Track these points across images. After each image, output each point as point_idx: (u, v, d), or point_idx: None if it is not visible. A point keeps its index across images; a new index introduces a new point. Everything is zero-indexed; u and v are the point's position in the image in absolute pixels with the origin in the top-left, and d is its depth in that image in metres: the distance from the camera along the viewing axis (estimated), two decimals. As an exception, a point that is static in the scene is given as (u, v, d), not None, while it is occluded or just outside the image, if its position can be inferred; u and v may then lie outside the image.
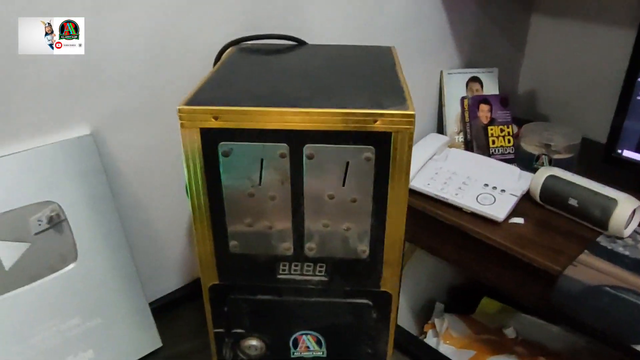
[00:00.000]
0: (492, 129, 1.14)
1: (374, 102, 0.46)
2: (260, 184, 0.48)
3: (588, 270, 0.83)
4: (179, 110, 0.46)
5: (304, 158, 0.47)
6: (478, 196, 0.99)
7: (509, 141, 1.15)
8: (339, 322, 0.57)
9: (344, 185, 0.48)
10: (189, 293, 0.84)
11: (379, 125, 0.45)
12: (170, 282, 0.83)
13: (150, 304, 0.74)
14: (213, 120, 0.46)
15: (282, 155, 0.47)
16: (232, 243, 0.52)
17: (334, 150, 0.46)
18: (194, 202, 0.50)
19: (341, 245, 0.52)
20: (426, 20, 1.07)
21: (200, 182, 0.49)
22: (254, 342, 0.59)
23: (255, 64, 0.58)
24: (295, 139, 0.46)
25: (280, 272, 0.54)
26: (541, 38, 1.35)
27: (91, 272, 0.65)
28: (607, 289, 0.80)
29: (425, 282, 1.53)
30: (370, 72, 0.54)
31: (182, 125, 0.46)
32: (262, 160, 0.47)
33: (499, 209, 0.96)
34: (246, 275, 0.54)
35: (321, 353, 0.59)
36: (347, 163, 0.47)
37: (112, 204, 0.67)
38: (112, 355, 0.69)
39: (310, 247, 0.52)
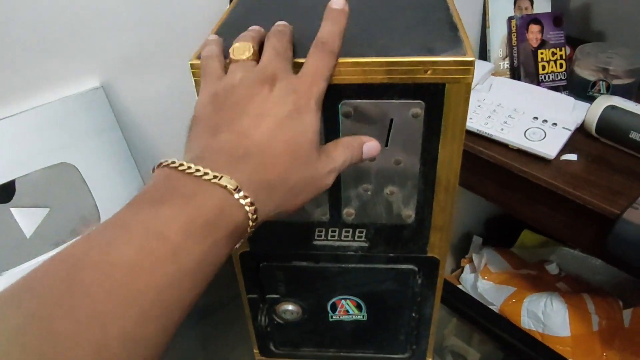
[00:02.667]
0: (542, 53, 1.03)
1: (423, 47, 0.38)
2: (291, 146, 0.42)
3: (650, 213, 0.76)
4: (192, 66, 0.39)
5: (340, 116, 0.40)
6: (526, 131, 0.90)
7: (561, 66, 1.04)
8: (381, 288, 0.53)
9: (387, 145, 0.41)
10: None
11: (430, 76, 0.37)
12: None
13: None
14: (227, 73, 0.39)
15: (317, 114, 0.40)
16: (262, 210, 0.47)
17: (375, 106, 0.39)
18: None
19: (383, 210, 0.46)
20: None
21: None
22: (290, 306, 0.55)
23: (275, 2, 0.49)
24: (329, 95, 0.39)
25: (316, 238, 0.49)
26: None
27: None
28: (672, 233, 0.73)
29: (463, 214, 1.47)
30: (414, 5, 0.46)
31: (196, 83, 0.40)
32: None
33: (549, 145, 0.87)
34: (279, 242, 0.50)
35: (361, 317, 0.56)
36: (391, 121, 0.40)
37: (131, 160, 0.62)
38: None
39: (349, 213, 0.46)
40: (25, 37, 0.52)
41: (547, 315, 1.10)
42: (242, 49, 0.37)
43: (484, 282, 1.26)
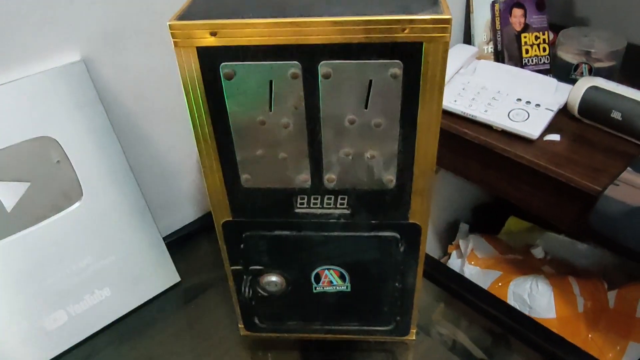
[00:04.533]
0: (525, 37, 1.04)
1: (401, 7, 0.38)
2: (270, 110, 0.42)
3: (631, 189, 0.77)
4: (170, 27, 0.39)
5: (320, 78, 0.40)
6: (510, 112, 0.91)
7: (544, 50, 1.05)
8: (363, 257, 0.53)
9: (366, 107, 0.42)
10: (204, 225, 0.81)
11: (407, 35, 0.38)
12: (183, 214, 0.80)
13: (165, 238, 0.71)
14: (211, 37, 0.39)
15: (294, 76, 0.40)
16: (244, 177, 0.47)
17: (354, 67, 0.40)
18: (198, 133, 0.44)
19: (365, 175, 0.46)
20: None
21: (203, 111, 0.43)
22: (273, 277, 0.55)
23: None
24: (309, 56, 0.39)
25: (298, 206, 0.49)
26: None
27: (98, 209, 0.62)
28: (652, 209, 0.74)
29: (449, 202, 1.48)
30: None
31: (175, 45, 0.40)
32: (271, 82, 0.41)
33: (533, 126, 0.88)
34: (261, 210, 0.50)
35: (345, 287, 0.56)
36: (370, 82, 0.40)
37: (113, 135, 0.62)
38: (130, 292, 0.67)
39: (330, 179, 0.46)
40: (3, 8, 0.52)
41: (532, 298, 1.11)
42: None
43: (470, 267, 1.27)
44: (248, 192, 0.48)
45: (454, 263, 1.33)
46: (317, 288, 0.56)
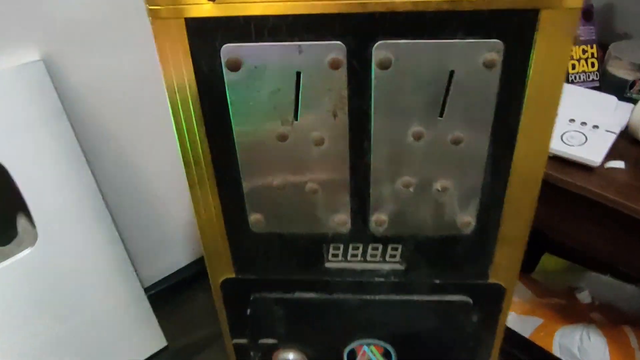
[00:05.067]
0: (571, 50, 0.90)
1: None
2: (296, 118, 0.28)
3: None
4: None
5: (374, 68, 0.26)
6: (563, 135, 0.77)
7: (592, 65, 0.92)
8: (419, 330, 0.38)
9: (441, 115, 0.27)
10: (198, 272, 0.65)
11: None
12: (172, 259, 0.65)
13: (147, 290, 0.56)
14: (207, 1, 0.25)
15: (334, 64, 0.26)
16: (254, 217, 0.33)
17: (427, 51, 0.26)
18: (187, 153, 0.30)
19: (431, 215, 0.31)
20: None
21: (194, 120, 0.29)
22: (291, 356, 0.40)
23: None
24: (358, 33, 0.25)
25: (331, 258, 0.35)
26: None
27: (58, 256, 0.47)
28: None
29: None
30: None
31: (154, 16, 0.26)
32: (298, 75, 0.27)
33: (592, 151, 0.74)
34: (277, 265, 0.35)
35: (390, 369, 0.40)
36: (451, 74, 0.26)
37: (82, 160, 0.47)
38: (101, 364, 0.52)
39: (380, 220, 0.32)
40: None
41: (583, 351, 0.96)
42: None
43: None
44: (259, 240, 0.34)
45: (486, 308, 1.17)
46: (351, 369, 0.41)
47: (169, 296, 0.61)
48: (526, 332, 1.05)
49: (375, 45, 0.26)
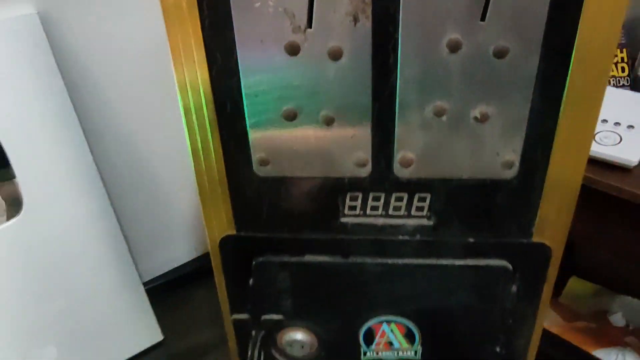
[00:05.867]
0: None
1: None
2: (309, 24, 0.24)
3: None
4: None
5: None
6: (596, 135, 0.72)
7: (622, 70, 0.87)
8: (447, 304, 0.32)
9: (483, 18, 0.23)
10: (200, 268, 0.61)
11: None
12: (173, 254, 0.60)
13: (145, 284, 0.51)
14: None
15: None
16: (258, 157, 0.28)
17: None
18: (182, 79, 0.26)
19: (467, 152, 0.27)
20: None
21: (189, 23, 0.25)
22: (298, 335, 0.35)
23: None
24: None
25: (347, 211, 0.30)
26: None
27: (45, 229, 0.43)
28: None
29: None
30: None
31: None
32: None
33: (628, 151, 0.69)
34: (284, 219, 0.30)
35: (413, 354, 0.35)
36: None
37: (77, 125, 0.44)
38: (87, 354, 0.46)
39: (406, 160, 0.27)
40: None
41: (620, 378, 0.87)
42: None
43: (531, 336, 1.03)
44: (263, 187, 0.29)
45: (509, 331, 1.09)
46: (368, 354, 0.35)
47: (167, 291, 0.56)
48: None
49: None
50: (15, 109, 0.41)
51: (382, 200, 0.29)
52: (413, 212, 0.30)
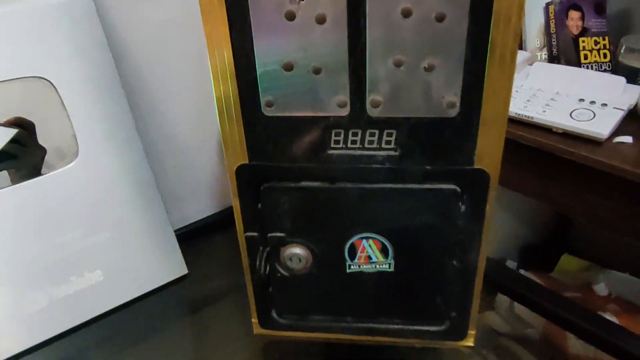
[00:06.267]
0: (584, 41, 0.94)
1: None
2: (301, -2, 0.33)
3: None
4: None
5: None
6: (572, 112, 0.80)
7: (604, 55, 0.95)
8: (413, 220, 0.41)
9: (427, -8, 0.32)
10: (220, 221, 0.70)
11: None
12: (198, 206, 0.70)
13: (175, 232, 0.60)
14: None
15: (335, -57, 0.31)
16: (266, 99, 0.37)
17: None
18: (211, 33, 0.35)
19: (420, 95, 0.36)
20: None
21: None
22: (297, 250, 0.44)
23: None
24: None
25: (333, 145, 0.39)
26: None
27: (96, 173, 0.53)
28: None
29: (494, 239, 1.34)
30: None
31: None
32: (304, -46, 0.32)
33: (601, 125, 0.77)
34: (285, 151, 0.40)
35: (387, 266, 0.44)
36: (433, -48, 0.31)
37: (121, 91, 0.53)
38: (127, 279, 0.56)
39: (375, 101, 0.36)
40: None
41: (599, 340, 0.94)
42: None
43: (521, 306, 1.11)
44: (270, 123, 0.39)
45: (502, 300, 1.17)
46: (352, 266, 0.44)
47: (191, 237, 0.66)
48: (541, 321, 1.04)
49: None
50: (71, 73, 0.51)
51: (359, 136, 0.38)
52: (383, 145, 0.39)
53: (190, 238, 0.66)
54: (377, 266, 0.44)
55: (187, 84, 0.62)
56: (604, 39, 0.95)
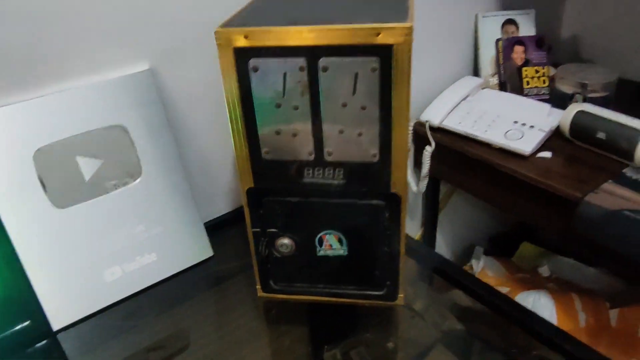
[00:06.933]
0: (526, 70, 1.17)
1: (378, 18, 0.54)
2: (284, 95, 0.57)
3: (609, 196, 0.87)
4: (216, 33, 0.55)
5: (320, 70, 0.55)
6: (507, 132, 1.03)
7: (544, 82, 1.17)
8: (357, 222, 0.66)
9: (354, 93, 0.56)
10: (236, 217, 0.95)
11: (381, 38, 0.52)
12: (220, 205, 0.95)
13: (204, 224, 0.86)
14: (244, 39, 0.55)
15: (302, 69, 0.55)
16: (264, 150, 0.62)
17: (344, 62, 0.55)
18: (231, 114, 0.60)
19: (355, 149, 0.60)
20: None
21: (235, 96, 0.58)
22: (285, 240, 0.69)
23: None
24: (312, 54, 0.55)
25: (306, 175, 0.63)
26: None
27: (153, 187, 0.78)
28: (627, 212, 0.84)
29: (466, 229, 1.58)
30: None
31: (219, 46, 0.56)
32: (285, 73, 0.56)
33: (526, 143, 1.00)
34: (277, 179, 0.64)
35: (342, 251, 0.68)
36: (356, 74, 0.55)
37: (168, 129, 0.78)
38: (172, 259, 0.82)
39: (329, 152, 0.61)
40: (96, 27, 0.70)
41: (535, 310, 1.18)
42: None
43: (480, 283, 1.35)
44: (267, 163, 0.63)
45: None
46: (320, 251, 0.69)
47: (216, 229, 0.91)
48: (495, 297, 1.28)
49: (320, 60, 0.55)
50: (136, 135, 0.75)
51: (321, 171, 0.63)
52: (335, 176, 0.63)
53: (215, 229, 0.91)
54: (336, 252, 0.69)
55: (213, 124, 0.86)
56: (543, 68, 1.18)
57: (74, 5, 0.67)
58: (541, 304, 1.18)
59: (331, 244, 0.68)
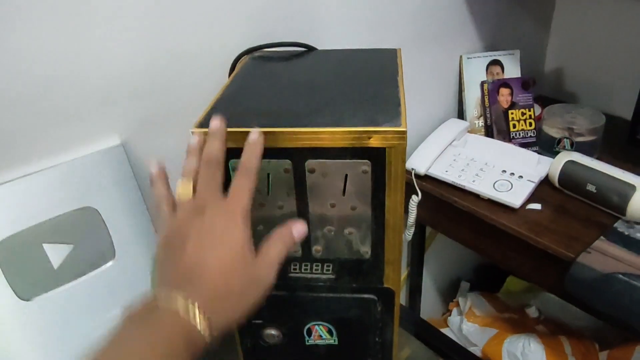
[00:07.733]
0: (512, 113, 1.15)
1: (369, 119, 0.50)
2: (268, 194, 0.53)
3: (601, 257, 0.85)
4: (193, 133, 0.51)
5: (306, 172, 0.51)
6: (495, 183, 1.01)
7: (530, 124, 1.15)
8: (348, 315, 0.62)
9: (344, 194, 0.52)
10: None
11: (373, 142, 0.49)
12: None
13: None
14: (223, 139, 0.50)
15: (286, 171, 0.51)
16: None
17: (333, 165, 0.51)
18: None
19: (345, 247, 0.56)
20: (444, 3, 1.07)
21: (215, 194, 0.54)
22: (272, 331, 0.65)
23: (265, 76, 0.62)
24: (297, 156, 0.51)
25: (292, 271, 0.59)
26: (568, 15, 1.32)
27: (128, 267, 0.73)
28: (620, 276, 0.82)
29: (451, 262, 1.56)
30: (371, 82, 0.58)
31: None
32: (268, 175, 0.52)
33: (515, 196, 0.97)
34: (262, 274, 0.60)
35: (333, 341, 0.65)
36: (346, 175, 0.51)
37: (144, 207, 0.73)
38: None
39: (317, 250, 0.57)
40: (62, 105, 0.65)
41: (525, 356, 1.17)
42: (183, 193, 0.48)
43: (469, 324, 1.33)
44: (251, 259, 0.59)
45: (454, 320, 1.39)
46: (309, 341, 0.65)
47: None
48: (483, 340, 1.27)
49: (307, 162, 0.51)
50: (109, 215, 0.70)
51: (309, 266, 0.59)
52: (324, 272, 0.59)
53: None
54: (327, 341, 0.65)
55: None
56: (529, 110, 1.16)
57: (38, 86, 0.62)
58: (531, 350, 1.17)
59: (321, 335, 0.64)
